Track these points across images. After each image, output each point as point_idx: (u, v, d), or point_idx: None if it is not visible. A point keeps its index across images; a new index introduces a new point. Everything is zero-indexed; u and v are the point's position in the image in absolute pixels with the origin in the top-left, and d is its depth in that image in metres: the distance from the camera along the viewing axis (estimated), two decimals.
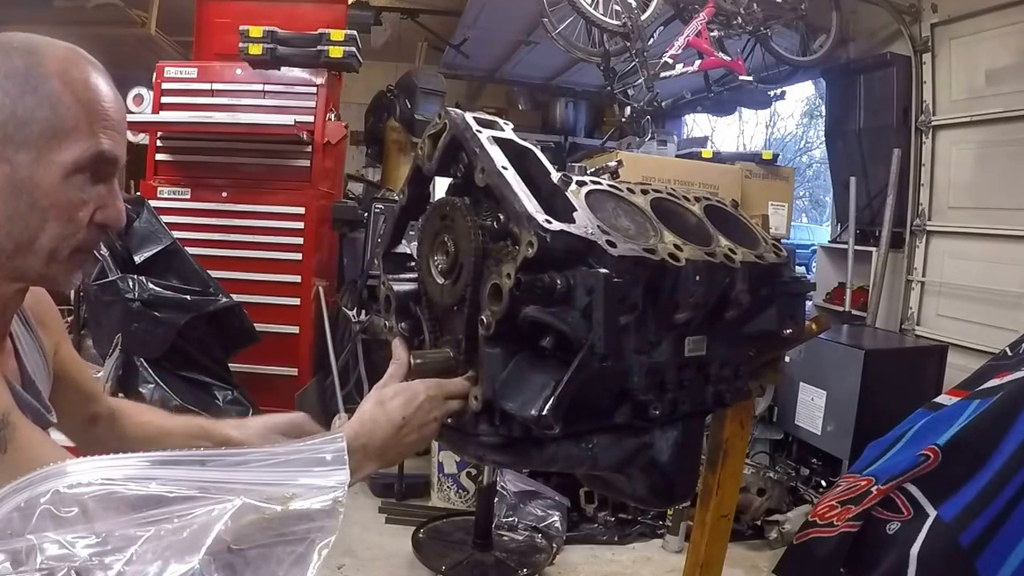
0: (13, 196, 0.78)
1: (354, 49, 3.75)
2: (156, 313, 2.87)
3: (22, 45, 0.79)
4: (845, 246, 4.57)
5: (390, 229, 1.20)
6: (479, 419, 0.98)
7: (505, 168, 0.96)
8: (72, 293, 3.09)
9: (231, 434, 1.15)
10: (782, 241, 3.84)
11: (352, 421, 0.93)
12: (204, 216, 3.67)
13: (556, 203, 0.98)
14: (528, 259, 0.89)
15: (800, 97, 15.88)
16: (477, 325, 0.95)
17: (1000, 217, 3.83)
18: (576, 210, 0.97)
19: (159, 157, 3.76)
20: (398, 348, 1.05)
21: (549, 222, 0.91)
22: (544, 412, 0.88)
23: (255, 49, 3.64)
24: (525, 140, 1.05)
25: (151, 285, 2.90)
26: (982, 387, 2.32)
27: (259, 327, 3.32)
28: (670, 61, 3.94)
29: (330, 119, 3.82)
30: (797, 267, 6.29)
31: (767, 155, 4.36)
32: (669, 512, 3.18)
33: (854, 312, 4.47)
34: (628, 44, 3.84)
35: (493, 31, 5.41)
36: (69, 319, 3.16)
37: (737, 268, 1.08)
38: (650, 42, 3.96)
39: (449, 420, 1.00)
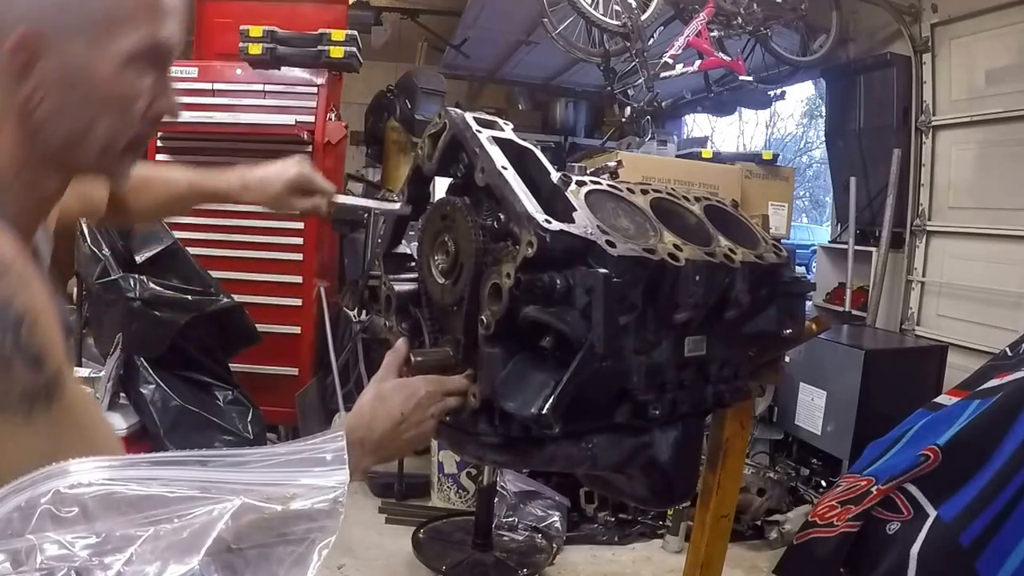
0: (66, 87, 0.74)
1: (354, 49, 3.75)
2: (157, 313, 2.87)
3: None
4: (845, 246, 4.57)
5: (390, 229, 1.20)
6: (479, 419, 0.98)
7: (505, 168, 0.97)
8: (75, 292, 3.09)
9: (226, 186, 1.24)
10: (782, 241, 3.84)
11: (351, 413, 0.93)
12: (205, 216, 3.65)
13: (556, 203, 0.98)
14: (528, 259, 0.89)
15: (800, 97, 15.92)
16: (477, 325, 0.95)
17: (1000, 217, 3.82)
18: (576, 210, 0.98)
19: (159, 157, 3.76)
20: (399, 342, 1.06)
21: (549, 222, 0.91)
22: (544, 411, 0.88)
23: (255, 49, 3.64)
24: (525, 140, 1.05)
25: (152, 285, 2.90)
26: (982, 387, 2.32)
27: (260, 327, 3.32)
28: (670, 61, 3.94)
29: (330, 119, 3.82)
30: (797, 267, 6.29)
31: (767, 155, 4.36)
32: (669, 512, 3.18)
33: (854, 312, 4.47)
34: (628, 44, 3.83)
35: (493, 31, 5.41)
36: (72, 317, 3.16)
37: (737, 268, 1.08)
38: (650, 42, 3.96)
39: (448, 419, 1.00)
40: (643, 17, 3.84)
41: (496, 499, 3.14)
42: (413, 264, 1.16)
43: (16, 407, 0.66)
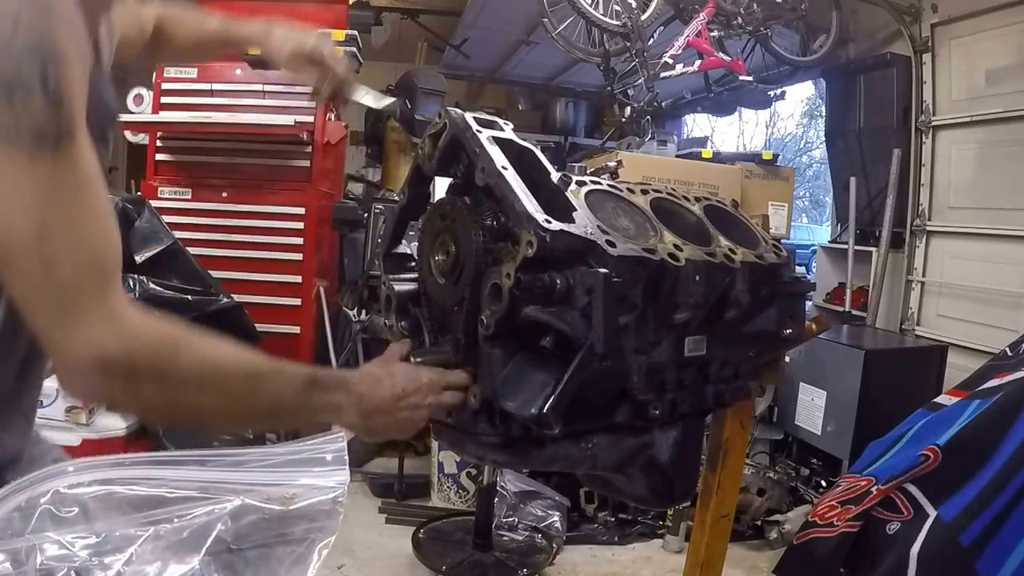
0: None
1: (355, 49, 3.75)
2: (157, 313, 2.87)
3: None
4: (845, 246, 4.57)
5: (390, 229, 1.20)
6: (479, 419, 0.98)
7: (505, 168, 0.97)
8: None
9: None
10: (782, 241, 3.84)
11: (357, 371, 0.95)
12: (205, 216, 3.66)
13: (556, 203, 0.98)
14: (528, 259, 0.89)
15: (800, 97, 15.94)
16: (477, 324, 0.95)
17: (1000, 217, 3.82)
18: (576, 210, 0.98)
19: (159, 157, 3.76)
20: (403, 340, 1.08)
21: (549, 222, 0.91)
22: (544, 411, 0.88)
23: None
24: (525, 140, 1.05)
25: (152, 285, 2.90)
26: (982, 387, 2.32)
27: (260, 327, 3.32)
28: (670, 61, 3.94)
29: (330, 119, 3.82)
30: (797, 267, 6.28)
31: (767, 155, 4.36)
32: (669, 512, 3.18)
33: (854, 312, 4.47)
34: (628, 44, 3.84)
35: (493, 31, 5.41)
36: None
37: (737, 268, 1.08)
38: (650, 42, 3.96)
39: (449, 419, 1.00)
40: (643, 17, 3.84)
41: (496, 499, 3.14)
42: (413, 264, 1.16)
43: (24, 142, 0.64)
